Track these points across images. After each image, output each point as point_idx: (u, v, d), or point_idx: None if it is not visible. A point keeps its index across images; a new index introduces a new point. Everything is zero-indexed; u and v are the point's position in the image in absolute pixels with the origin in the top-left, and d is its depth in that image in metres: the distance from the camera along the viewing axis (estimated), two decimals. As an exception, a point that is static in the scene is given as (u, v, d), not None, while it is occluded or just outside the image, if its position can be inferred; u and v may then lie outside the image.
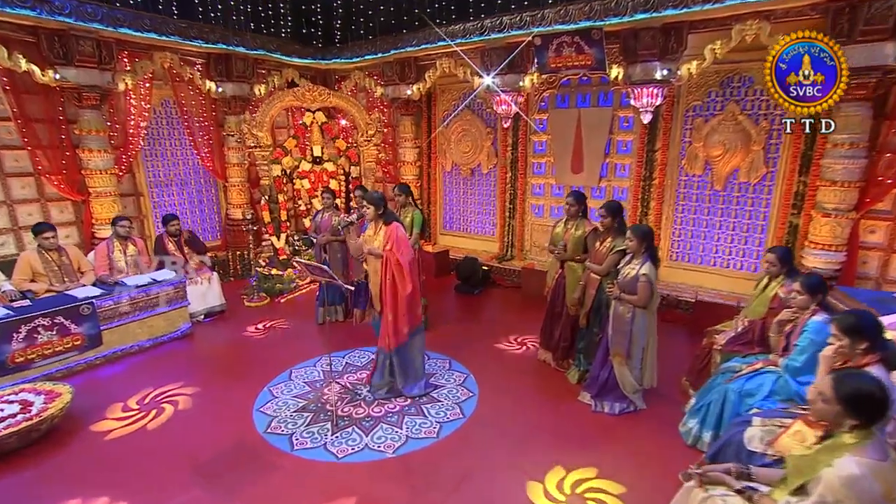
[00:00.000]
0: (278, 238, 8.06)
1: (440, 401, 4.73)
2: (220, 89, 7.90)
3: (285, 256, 8.00)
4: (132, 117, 7.40)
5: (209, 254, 7.15)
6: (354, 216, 4.51)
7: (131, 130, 7.40)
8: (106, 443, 4.17)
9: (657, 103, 6.30)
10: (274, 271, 7.58)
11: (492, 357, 5.46)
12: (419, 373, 4.78)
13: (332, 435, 4.22)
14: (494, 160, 8.44)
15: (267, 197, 7.83)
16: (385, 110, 8.96)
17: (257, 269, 7.64)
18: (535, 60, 6.91)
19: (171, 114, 8.07)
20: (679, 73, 6.04)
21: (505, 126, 7.80)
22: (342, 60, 9.01)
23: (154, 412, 4.58)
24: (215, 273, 6.77)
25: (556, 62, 6.70)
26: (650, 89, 6.21)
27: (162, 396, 4.84)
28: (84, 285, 5.73)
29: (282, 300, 7.30)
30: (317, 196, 8.29)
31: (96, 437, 4.25)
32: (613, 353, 4.54)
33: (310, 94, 8.05)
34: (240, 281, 7.98)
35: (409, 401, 4.66)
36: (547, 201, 8.07)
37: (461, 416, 4.49)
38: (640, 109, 6.41)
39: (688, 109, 6.58)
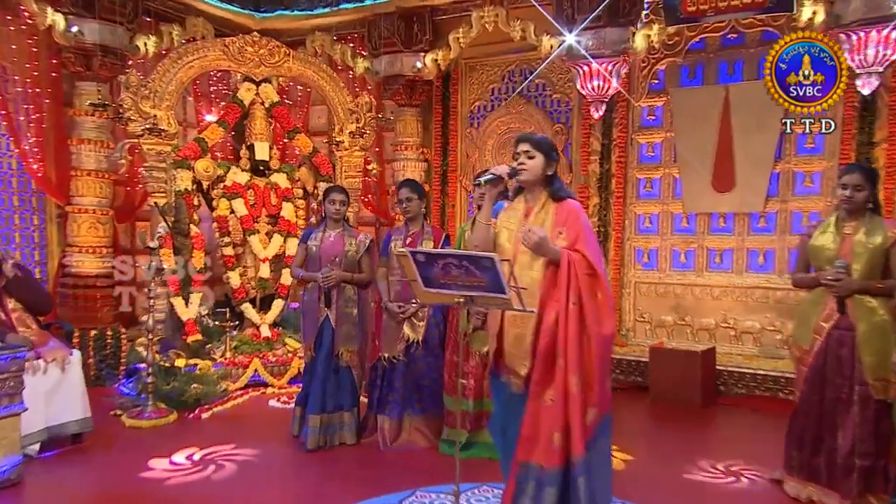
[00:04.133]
0: (186, 302, 6.57)
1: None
2: (73, 29, 6.66)
3: (197, 337, 6.54)
4: None
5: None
6: (506, 168, 3.41)
7: None
8: None
9: (893, 57, 5.73)
10: (179, 362, 6.07)
11: (699, 498, 4.56)
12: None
13: None
14: (567, 177, 7.68)
15: (170, 224, 6.20)
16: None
17: (140, 359, 6.08)
18: (663, 2, 6.47)
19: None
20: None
21: (595, 116, 7.10)
22: (293, 13, 8.21)
23: None
24: (76, 352, 5.10)
25: (700, 2, 6.37)
26: (884, 32, 5.61)
27: None
28: None
29: (203, 414, 5.85)
30: (256, 231, 7.06)
31: None
32: None
33: (253, 52, 7.08)
34: (96, 389, 6.21)
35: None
36: (665, 242, 7.44)
37: None
38: (859, 72, 5.77)
39: (940, 71, 6.17)
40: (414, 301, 4.05)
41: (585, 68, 6.76)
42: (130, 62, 7.24)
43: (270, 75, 7.18)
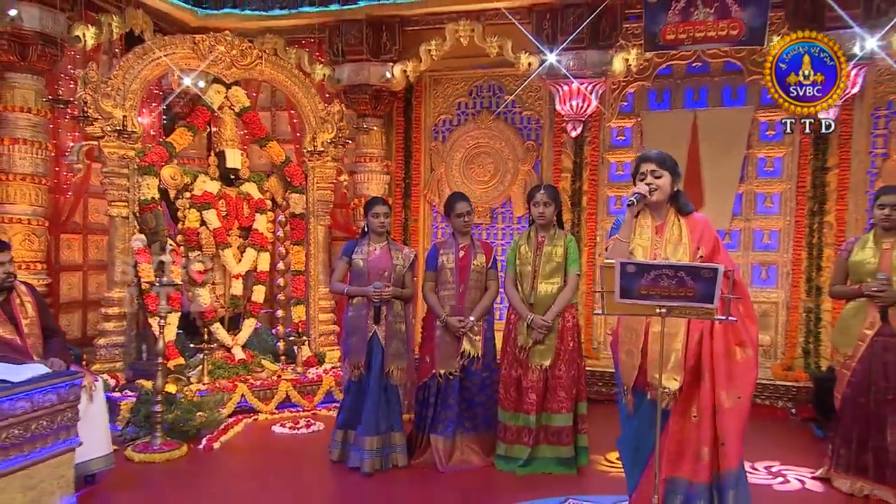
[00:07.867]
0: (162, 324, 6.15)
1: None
2: (11, 13, 6.10)
3: (179, 360, 6.26)
4: None
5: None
6: (645, 187, 3.58)
7: None
8: None
9: (853, 92, 6.44)
10: (170, 387, 5.70)
11: (762, 500, 4.62)
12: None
13: None
14: (539, 194, 7.81)
15: (150, 234, 5.87)
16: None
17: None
18: (644, 29, 6.83)
19: None
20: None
21: (573, 135, 7.46)
22: (244, 13, 7.93)
23: None
24: (100, 380, 4.77)
25: (679, 31, 6.72)
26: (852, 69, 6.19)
27: None
28: None
29: (214, 445, 5.58)
30: (229, 245, 6.79)
31: None
32: None
33: (224, 52, 6.81)
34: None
35: None
36: (636, 259, 7.62)
37: None
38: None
39: (878, 105, 6.95)
40: (597, 311, 4.17)
41: (565, 88, 7.03)
42: (72, 51, 6.82)
43: (241, 78, 6.97)
